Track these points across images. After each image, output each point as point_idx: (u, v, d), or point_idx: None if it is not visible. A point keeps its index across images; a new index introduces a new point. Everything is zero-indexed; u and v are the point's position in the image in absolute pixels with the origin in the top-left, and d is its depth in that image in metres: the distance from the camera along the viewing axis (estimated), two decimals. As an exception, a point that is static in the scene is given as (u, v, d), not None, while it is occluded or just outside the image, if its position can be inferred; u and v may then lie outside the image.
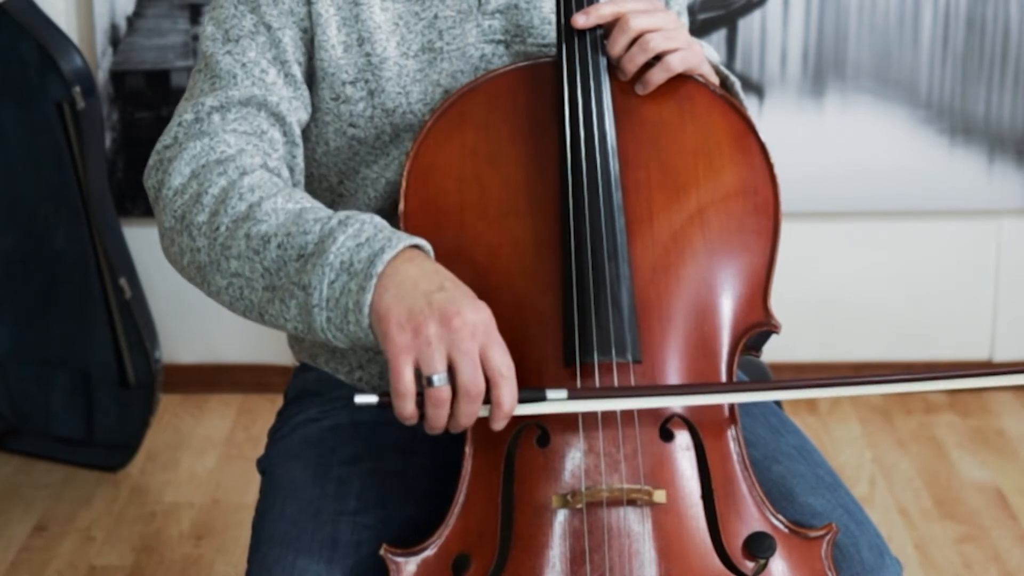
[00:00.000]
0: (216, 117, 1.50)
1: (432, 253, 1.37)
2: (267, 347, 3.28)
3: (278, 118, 1.52)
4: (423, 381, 1.30)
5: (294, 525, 1.48)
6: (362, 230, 1.35)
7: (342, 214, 1.37)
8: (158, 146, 1.50)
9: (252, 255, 1.37)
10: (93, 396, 3.00)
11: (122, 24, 3.11)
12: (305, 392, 1.68)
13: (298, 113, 1.55)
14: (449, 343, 1.29)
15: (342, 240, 1.34)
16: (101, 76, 3.12)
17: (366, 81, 1.57)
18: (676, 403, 1.39)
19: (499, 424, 1.33)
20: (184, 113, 1.51)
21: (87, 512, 2.87)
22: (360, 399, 1.32)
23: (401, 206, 1.48)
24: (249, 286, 1.38)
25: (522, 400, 1.33)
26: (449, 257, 1.40)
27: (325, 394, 1.66)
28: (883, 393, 1.47)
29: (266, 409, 3.16)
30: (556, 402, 1.36)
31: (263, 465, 1.63)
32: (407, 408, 1.30)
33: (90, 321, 2.94)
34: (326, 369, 1.67)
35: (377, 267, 1.31)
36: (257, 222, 1.38)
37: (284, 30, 1.54)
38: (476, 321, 1.30)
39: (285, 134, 1.53)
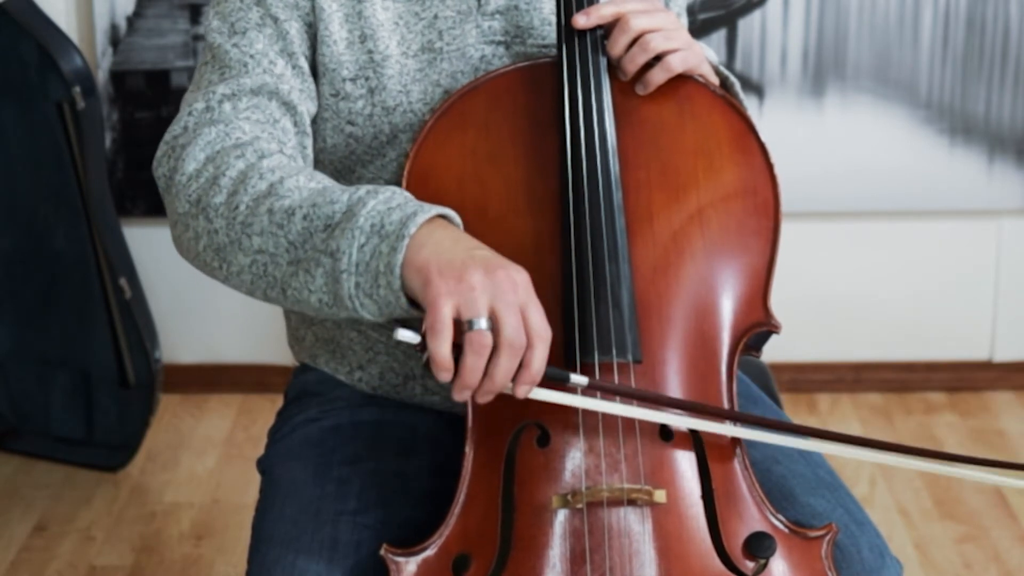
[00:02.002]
0: (227, 106, 1.48)
1: (462, 225, 1.35)
2: (267, 347, 3.28)
3: (289, 107, 1.51)
4: (464, 326, 1.26)
5: (294, 525, 1.48)
6: (393, 197, 1.34)
7: (369, 186, 1.36)
8: (167, 136, 1.48)
9: (276, 229, 1.35)
10: (93, 396, 3.00)
11: (122, 24, 3.11)
12: (305, 392, 1.68)
13: (307, 103, 1.54)
14: (493, 293, 1.27)
15: (372, 204, 1.32)
16: (101, 76, 3.12)
17: (367, 78, 1.56)
18: (689, 423, 1.39)
19: (523, 390, 1.30)
20: (195, 102, 1.49)
21: (87, 512, 2.87)
22: (402, 334, 1.28)
23: (401, 206, 1.47)
24: (273, 262, 1.36)
25: (547, 376, 1.31)
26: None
27: (325, 394, 1.66)
28: (906, 466, 1.45)
29: (266, 409, 3.16)
30: (575, 395, 1.34)
31: (263, 465, 1.63)
32: (443, 347, 1.26)
33: (90, 321, 2.94)
34: (326, 369, 1.67)
35: (410, 228, 1.29)
36: (280, 197, 1.37)
37: (290, 22, 1.54)
38: (518, 278, 1.28)
39: (296, 124, 1.52)
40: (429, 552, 1.38)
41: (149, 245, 3.16)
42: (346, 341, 1.64)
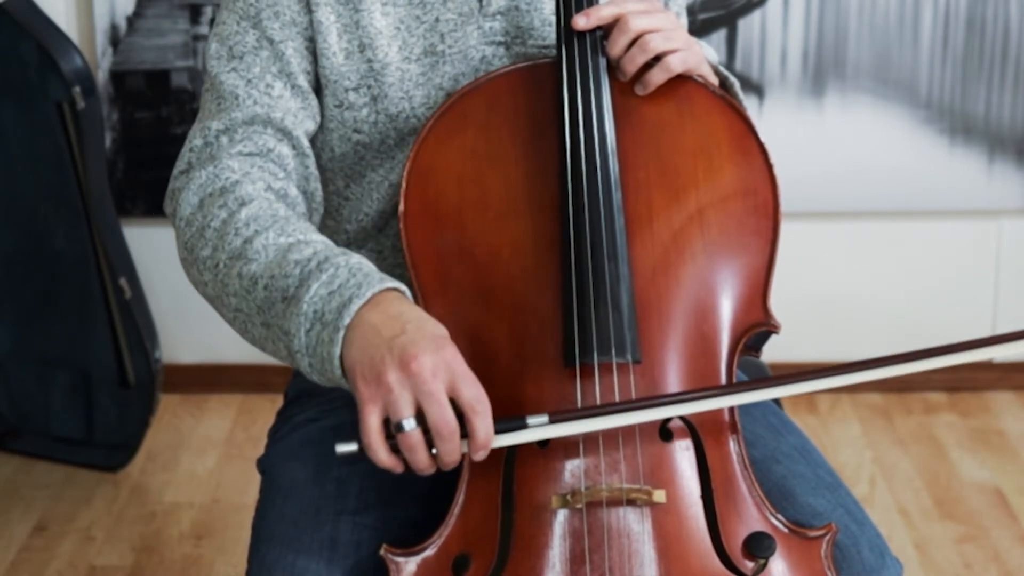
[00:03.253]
0: (224, 140, 1.52)
1: (408, 293, 1.37)
2: (267, 347, 3.28)
3: (284, 133, 1.54)
4: (392, 428, 1.30)
5: (294, 525, 1.48)
6: (336, 275, 1.35)
7: (322, 254, 1.38)
8: (174, 171, 1.54)
9: (245, 294, 1.40)
10: (93, 396, 3.00)
11: (122, 24, 3.11)
12: (305, 392, 1.68)
13: (305, 124, 1.56)
14: (412, 387, 1.29)
15: (315, 288, 1.35)
16: (101, 76, 3.12)
17: (368, 87, 1.57)
18: (657, 415, 1.38)
19: (479, 456, 1.32)
20: (195, 138, 1.54)
21: (87, 512, 2.87)
22: (341, 448, 1.33)
23: (401, 207, 1.48)
24: (250, 321, 1.40)
25: (500, 430, 1.33)
26: (449, 257, 1.40)
27: (325, 394, 1.65)
28: (870, 379, 1.45)
29: (266, 409, 3.16)
30: (537, 428, 1.35)
31: (263, 465, 1.63)
32: (379, 457, 1.31)
33: (90, 321, 2.94)
34: (326, 369, 1.67)
35: (344, 319, 1.32)
36: (248, 261, 1.40)
37: (287, 42, 1.55)
38: (436, 361, 1.30)
39: (294, 147, 1.54)
40: (429, 552, 1.38)
41: (149, 245, 3.16)
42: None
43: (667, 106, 1.53)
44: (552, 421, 1.35)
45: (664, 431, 1.40)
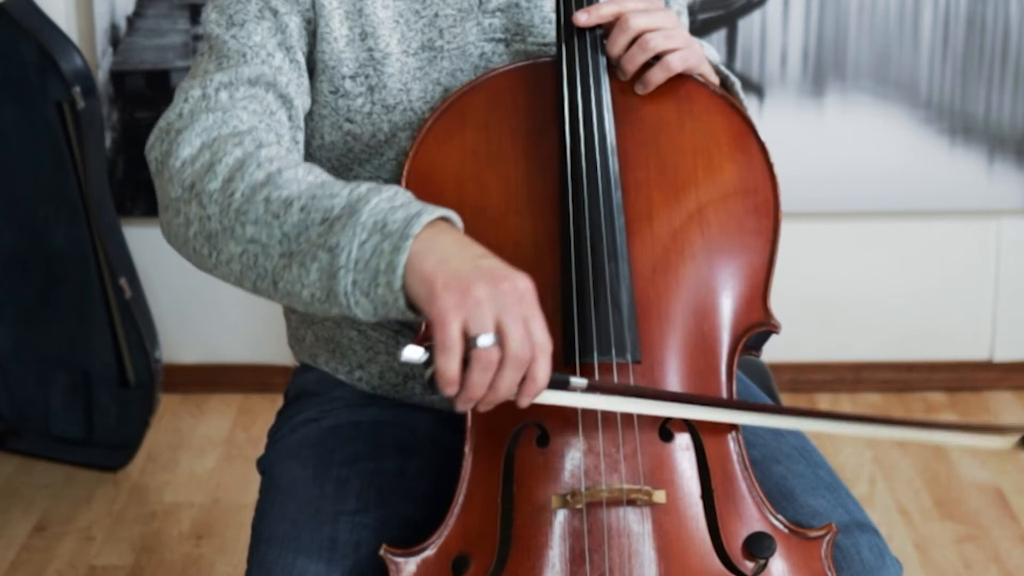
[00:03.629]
0: (224, 94, 1.47)
1: (462, 227, 1.34)
2: (267, 347, 3.28)
3: (286, 100, 1.50)
4: (471, 342, 1.25)
5: (294, 525, 1.48)
6: (396, 195, 1.32)
7: (370, 183, 1.34)
8: (161, 121, 1.47)
9: (271, 219, 1.33)
10: (93, 396, 3.00)
11: (122, 24, 3.11)
12: (305, 392, 1.68)
13: (302, 98, 1.53)
14: (499, 306, 1.25)
15: (375, 201, 1.30)
16: (101, 76, 3.12)
17: (366, 76, 1.56)
18: (691, 414, 1.38)
19: (525, 401, 1.29)
20: (191, 90, 1.48)
21: (87, 512, 2.87)
22: (408, 353, 1.27)
23: (401, 206, 1.47)
24: (264, 252, 1.34)
25: (550, 382, 1.30)
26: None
27: (325, 394, 1.66)
28: (892, 438, 1.46)
29: (266, 409, 3.16)
30: (577, 393, 1.33)
31: (263, 465, 1.63)
32: (452, 365, 1.25)
33: (90, 321, 2.94)
34: (326, 369, 1.67)
35: (414, 228, 1.27)
36: (278, 187, 1.34)
37: (290, 15, 1.53)
38: (524, 288, 1.27)
39: (291, 118, 1.51)
40: (428, 552, 1.38)
41: (149, 245, 3.16)
42: (346, 341, 1.64)
43: (667, 105, 1.52)
44: (590, 386, 1.34)
45: (664, 431, 1.40)
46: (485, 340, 1.24)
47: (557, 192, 1.47)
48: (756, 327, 1.46)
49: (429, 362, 1.27)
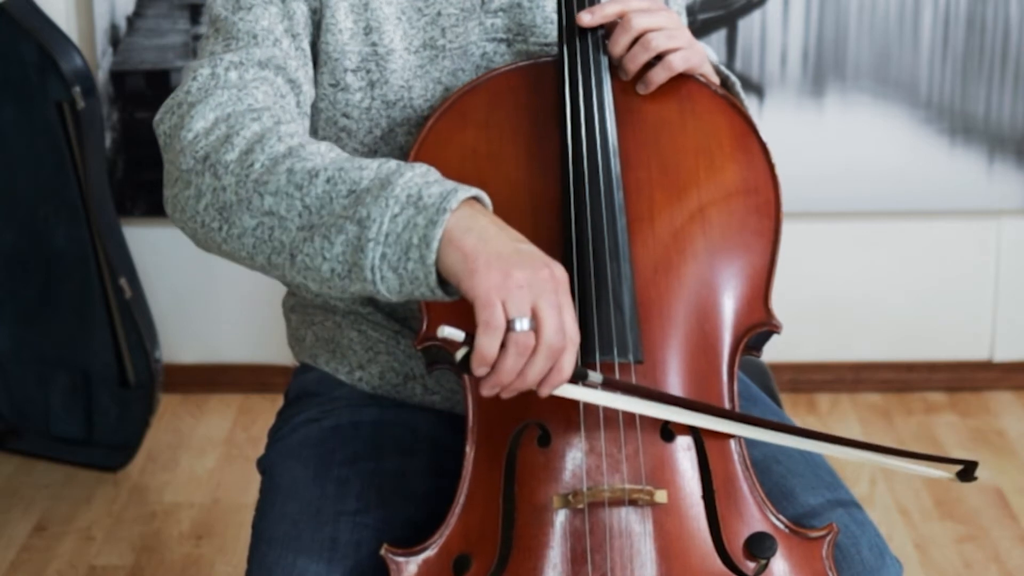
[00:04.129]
0: (234, 74, 1.44)
1: (492, 208, 1.32)
2: (267, 347, 3.28)
3: (295, 85, 1.49)
4: (508, 325, 1.24)
5: (294, 525, 1.48)
6: (429, 172, 1.30)
7: (398, 160, 1.32)
8: (169, 99, 1.44)
9: (293, 190, 1.31)
10: (93, 396, 3.00)
11: (122, 24, 3.11)
12: (305, 392, 1.68)
13: (310, 86, 1.52)
14: (537, 292, 1.25)
15: (410, 176, 1.29)
16: (101, 76, 3.12)
17: (368, 71, 1.56)
18: (695, 421, 1.39)
19: (547, 391, 1.29)
20: (200, 68, 1.45)
21: (87, 512, 2.87)
22: (447, 331, 1.26)
23: (402, 205, 1.47)
24: (282, 225, 1.31)
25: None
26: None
27: (325, 394, 1.65)
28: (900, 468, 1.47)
29: (266, 409, 3.16)
30: (589, 389, 1.33)
31: (263, 465, 1.63)
32: (494, 344, 1.24)
33: (90, 321, 2.94)
34: (326, 369, 1.67)
35: (451, 203, 1.26)
36: (302, 159, 1.32)
37: (297, 3, 1.51)
38: (561, 277, 1.27)
39: (299, 104, 1.49)
40: (430, 552, 1.38)
41: (149, 245, 3.16)
42: (346, 341, 1.64)
43: (668, 105, 1.52)
44: (605, 383, 1.34)
45: (666, 431, 1.40)
46: (523, 324, 1.24)
47: (558, 192, 1.47)
48: (757, 327, 1.46)
49: (468, 342, 1.26)
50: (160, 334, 3.10)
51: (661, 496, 1.36)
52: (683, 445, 1.40)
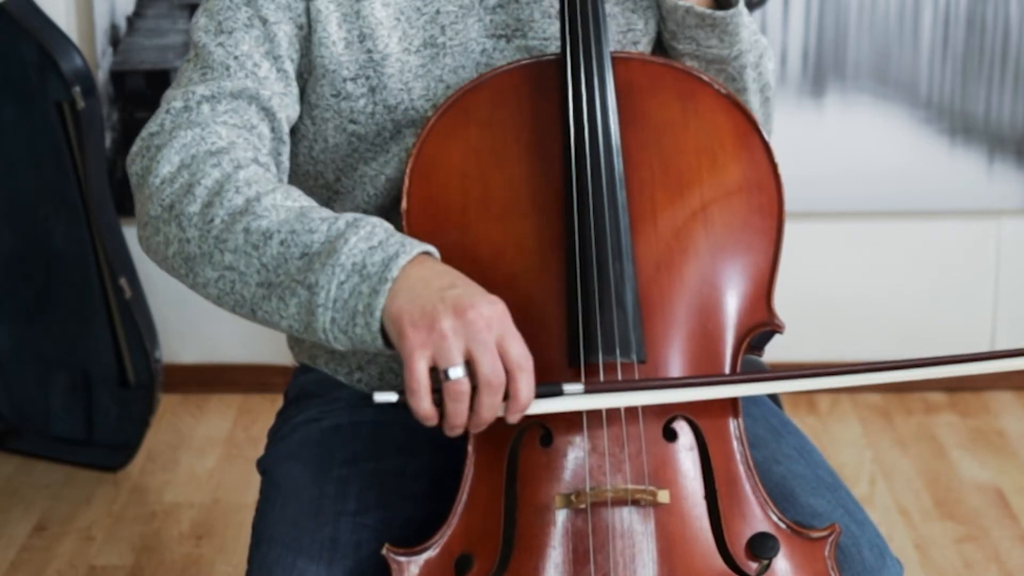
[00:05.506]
0: (206, 108, 1.47)
1: (439, 258, 1.36)
2: (267, 347, 3.28)
3: (268, 113, 1.50)
4: (440, 376, 1.28)
5: (294, 526, 1.48)
6: (373, 233, 1.33)
7: (349, 216, 1.35)
8: (144, 132, 1.47)
9: (251, 250, 1.35)
10: (93, 396, 3.00)
11: (122, 24, 3.11)
12: (305, 393, 1.68)
13: (288, 110, 1.53)
14: (466, 336, 1.27)
15: (354, 241, 1.32)
16: (101, 76, 3.12)
17: (367, 77, 1.56)
18: (693, 395, 1.38)
19: (514, 418, 1.31)
20: (173, 100, 1.48)
21: (87, 512, 2.86)
22: (380, 396, 1.30)
23: (404, 204, 1.47)
24: (242, 280, 1.36)
25: (539, 394, 1.32)
26: (452, 256, 1.39)
27: (325, 395, 1.65)
28: (881, 381, 1.46)
29: (266, 409, 3.16)
30: (573, 397, 1.34)
31: (263, 465, 1.63)
32: (423, 405, 1.28)
33: (90, 321, 2.94)
34: (326, 370, 1.67)
35: (392, 271, 1.30)
36: (257, 217, 1.36)
37: (280, 24, 1.52)
38: (491, 313, 1.28)
39: (273, 130, 1.50)
40: (431, 552, 1.38)
41: (149, 245, 3.16)
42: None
43: (671, 104, 1.52)
44: (588, 391, 1.35)
45: (668, 431, 1.40)
46: (454, 372, 1.27)
47: (561, 191, 1.46)
48: (760, 327, 1.46)
49: (404, 402, 1.30)
50: (160, 334, 3.09)
51: (663, 496, 1.36)
52: (685, 445, 1.40)
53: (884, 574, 1.47)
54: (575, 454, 1.38)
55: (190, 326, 3.30)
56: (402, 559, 1.38)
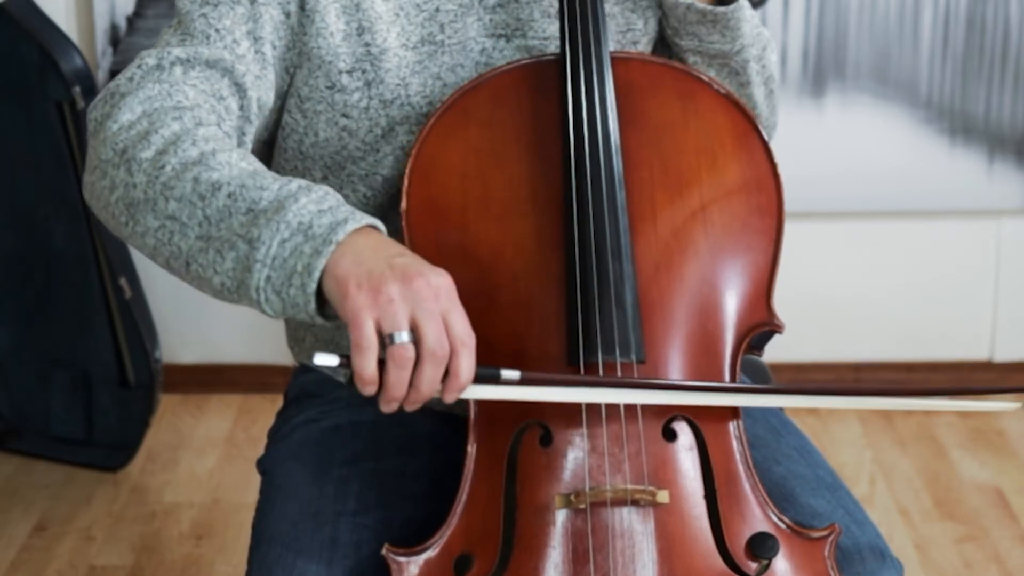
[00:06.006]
0: (178, 70, 1.45)
1: (386, 233, 1.33)
2: (267, 347, 3.28)
3: (240, 89, 1.48)
4: (385, 341, 1.25)
5: (294, 526, 1.48)
6: (324, 199, 1.31)
7: (303, 181, 1.33)
8: (111, 83, 1.45)
9: (196, 199, 1.32)
10: (93, 396, 3.00)
11: (122, 24, 3.11)
12: (305, 393, 1.68)
13: (260, 91, 1.50)
14: (412, 303, 1.25)
15: (304, 202, 1.29)
16: (101, 76, 3.12)
17: (363, 71, 1.55)
18: (645, 398, 1.37)
19: (451, 397, 1.28)
20: (147, 57, 1.46)
21: (87, 512, 2.87)
22: (320, 358, 1.26)
23: (403, 204, 1.47)
24: (181, 232, 1.32)
25: (479, 376, 1.29)
26: (452, 255, 1.39)
27: (325, 395, 1.65)
28: (884, 407, 1.46)
29: (266, 409, 3.16)
30: (508, 386, 1.32)
31: (263, 465, 1.63)
32: (369, 365, 1.24)
33: (90, 321, 2.94)
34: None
35: (338, 235, 1.27)
36: (209, 168, 1.33)
37: (267, 7, 1.50)
38: (438, 284, 1.26)
39: (242, 108, 1.48)
40: (431, 552, 1.38)
41: (149, 245, 3.16)
42: (346, 342, 1.63)
43: (671, 104, 1.52)
44: (523, 380, 1.32)
45: (668, 431, 1.40)
46: (399, 337, 1.24)
47: (561, 191, 1.46)
48: (760, 327, 1.46)
49: (346, 364, 1.26)
50: (160, 334, 3.09)
51: (663, 496, 1.36)
52: (685, 444, 1.40)
53: (884, 574, 1.47)
54: (574, 454, 1.38)
55: (190, 326, 3.30)
56: (402, 559, 1.38)
